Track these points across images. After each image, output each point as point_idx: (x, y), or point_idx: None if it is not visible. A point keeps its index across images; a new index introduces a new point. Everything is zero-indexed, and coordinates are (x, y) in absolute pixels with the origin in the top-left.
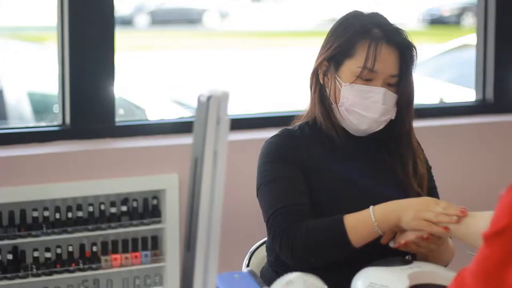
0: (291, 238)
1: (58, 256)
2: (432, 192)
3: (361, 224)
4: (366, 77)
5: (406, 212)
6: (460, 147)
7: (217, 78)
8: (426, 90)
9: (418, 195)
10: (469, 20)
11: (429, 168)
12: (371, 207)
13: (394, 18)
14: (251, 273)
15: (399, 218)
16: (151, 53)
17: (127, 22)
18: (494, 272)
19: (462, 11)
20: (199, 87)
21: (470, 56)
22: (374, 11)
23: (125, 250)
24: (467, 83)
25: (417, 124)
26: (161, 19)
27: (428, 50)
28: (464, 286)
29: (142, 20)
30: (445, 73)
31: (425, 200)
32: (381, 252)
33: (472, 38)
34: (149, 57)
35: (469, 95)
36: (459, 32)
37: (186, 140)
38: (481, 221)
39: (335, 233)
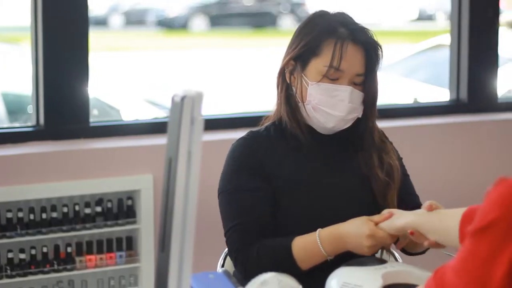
0: (243, 261)
1: (33, 257)
2: (405, 179)
3: (309, 250)
4: (332, 76)
5: (349, 244)
6: (434, 147)
7: (191, 78)
8: (401, 90)
9: (387, 185)
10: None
11: (400, 158)
12: (318, 231)
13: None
14: (226, 273)
15: (346, 248)
16: (125, 53)
17: (102, 22)
18: (480, 268)
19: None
20: (173, 87)
21: (444, 56)
22: (340, 11)
23: (99, 251)
24: (441, 83)
25: (391, 123)
26: (135, 19)
27: (403, 50)
28: (445, 284)
29: (116, 20)
30: (419, 73)
31: (357, 227)
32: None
33: (446, 38)
34: (124, 57)
35: (443, 95)
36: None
37: (160, 140)
38: (453, 218)
39: (283, 260)
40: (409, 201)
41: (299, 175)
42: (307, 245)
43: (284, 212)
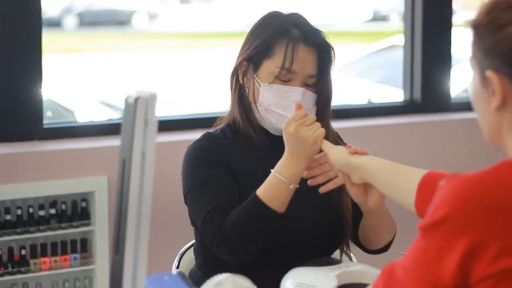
0: (224, 237)
1: None
2: None
3: (275, 190)
4: (284, 77)
5: (300, 151)
6: (389, 147)
7: (145, 80)
8: (355, 91)
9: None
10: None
11: None
12: (272, 170)
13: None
14: (181, 274)
15: (303, 162)
16: (79, 55)
17: (55, 23)
18: (431, 263)
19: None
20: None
21: (398, 57)
22: (293, 12)
23: (54, 253)
24: (395, 83)
25: (345, 124)
26: (89, 20)
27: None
28: (395, 281)
29: (70, 21)
30: (373, 73)
31: (290, 135)
32: (310, 252)
33: (400, 39)
34: (78, 59)
35: (397, 95)
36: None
37: (114, 142)
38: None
39: (256, 210)
40: None
41: (255, 175)
42: (268, 183)
43: None
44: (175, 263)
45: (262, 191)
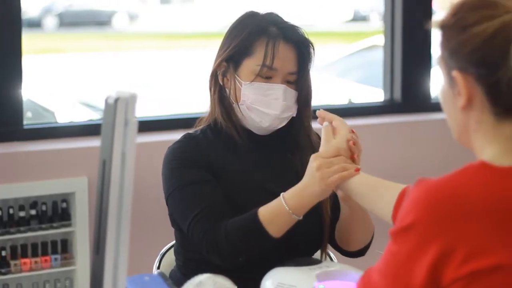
0: (214, 242)
1: None
2: None
3: (274, 211)
4: (265, 74)
5: (313, 187)
6: (369, 147)
7: (126, 80)
8: (336, 91)
9: None
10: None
11: None
12: (281, 195)
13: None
14: (162, 275)
15: (311, 198)
16: (59, 55)
17: (35, 24)
18: (402, 268)
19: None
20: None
21: (379, 57)
22: (270, 11)
23: (34, 254)
24: (376, 83)
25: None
26: (69, 21)
27: (338, 51)
28: (371, 285)
29: (50, 22)
30: (354, 73)
31: (312, 169)
32: (291, 252)
33: (380, 39)
34: (58, 59)
35: (377, 95)
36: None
37: (95, 142)
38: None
39: (253, 230)
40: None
41: (236, 176)
42: (272, 208)
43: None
44: (156, 263)
45: (263, 212)
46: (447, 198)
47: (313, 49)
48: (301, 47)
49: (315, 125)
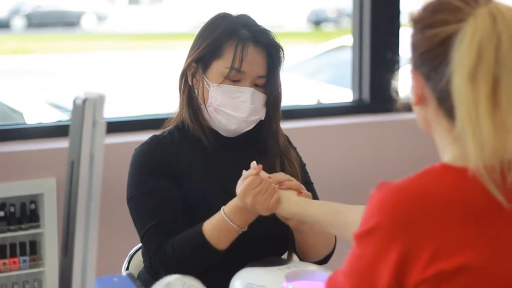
0: (163, 258)
1: None
2: (308, 187)
3: (220, 228)
4: (234, 77)
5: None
6: (338, 147)
7: (94, 81)
8: (304, 91)
9: None
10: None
11: (303, 165)
12: (222, 209)
13: (279, 19)
14: (130, 276)
15: (253, 215)
16: (28, 56)
17: (3, 25)
18: (366, 271)
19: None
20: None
21: (347, 57)
22: (242, 13)
23: (3, 256)
24: (344, 83)
25: (295, 124)
26: (38, 21)
27: (306, 51)
28: (336, 287)
29: (18, 23)
30: (322, 74)
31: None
32: (259, 253)
33: (348, 39)
34: (26, 60)
35: (346, 96)
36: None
37: (63, 143)
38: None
39: (199, 246)
40: None
41: (202, 177)
42: (216, 224)
43: (195, 212)
44: (125, 264)
45: (208, 229)
46: (412, 200)
47: (283, 53)
48: (271, 51)
49: (284, 125)
